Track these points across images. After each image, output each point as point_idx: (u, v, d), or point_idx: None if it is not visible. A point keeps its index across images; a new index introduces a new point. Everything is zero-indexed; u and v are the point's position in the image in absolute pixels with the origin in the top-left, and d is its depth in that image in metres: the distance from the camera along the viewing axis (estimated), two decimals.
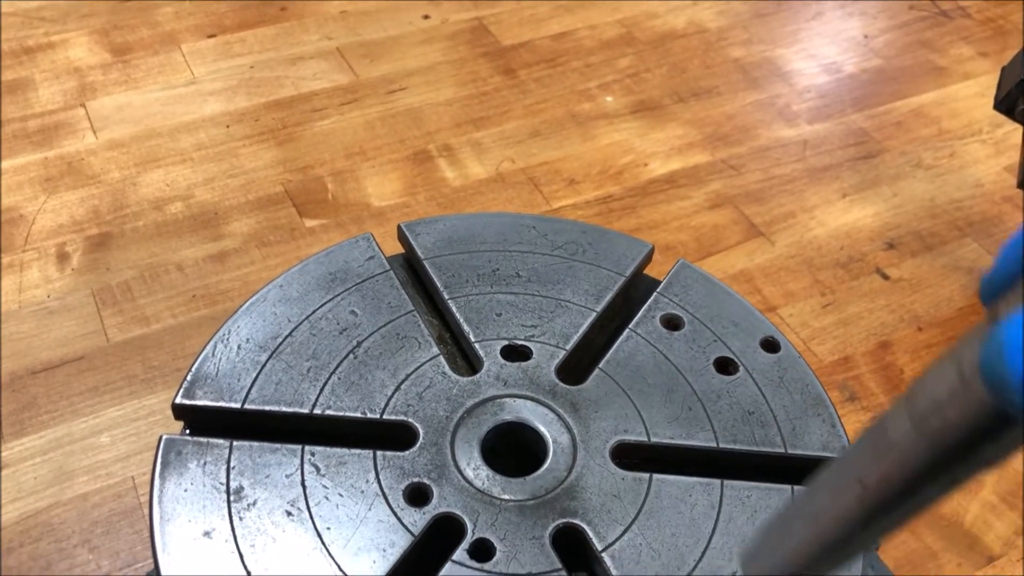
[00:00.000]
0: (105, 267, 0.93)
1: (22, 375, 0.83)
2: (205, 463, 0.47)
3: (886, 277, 0.95)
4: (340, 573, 0.44)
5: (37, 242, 0.95)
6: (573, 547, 0.48)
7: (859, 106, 1.20)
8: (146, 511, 0.73)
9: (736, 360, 0.55)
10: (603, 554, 0.46)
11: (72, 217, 0.98)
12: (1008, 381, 0.23)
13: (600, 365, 0.54)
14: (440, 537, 0.47)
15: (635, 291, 0.60)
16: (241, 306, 0.54)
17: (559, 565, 0.45)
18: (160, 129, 1.08)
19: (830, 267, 0.97)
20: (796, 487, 0.49)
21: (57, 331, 0.87)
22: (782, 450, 0.51)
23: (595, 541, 0.46)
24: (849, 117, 1.18)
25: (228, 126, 1.09)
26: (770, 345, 0.56)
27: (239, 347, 0.52)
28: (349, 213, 0.99)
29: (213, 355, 0.51)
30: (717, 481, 0.49)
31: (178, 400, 0.49)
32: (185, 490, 0.46)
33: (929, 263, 0.97)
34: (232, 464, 0.47)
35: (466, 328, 0.55)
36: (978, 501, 0.75)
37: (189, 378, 0.50)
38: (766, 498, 0.49)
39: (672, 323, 0.57)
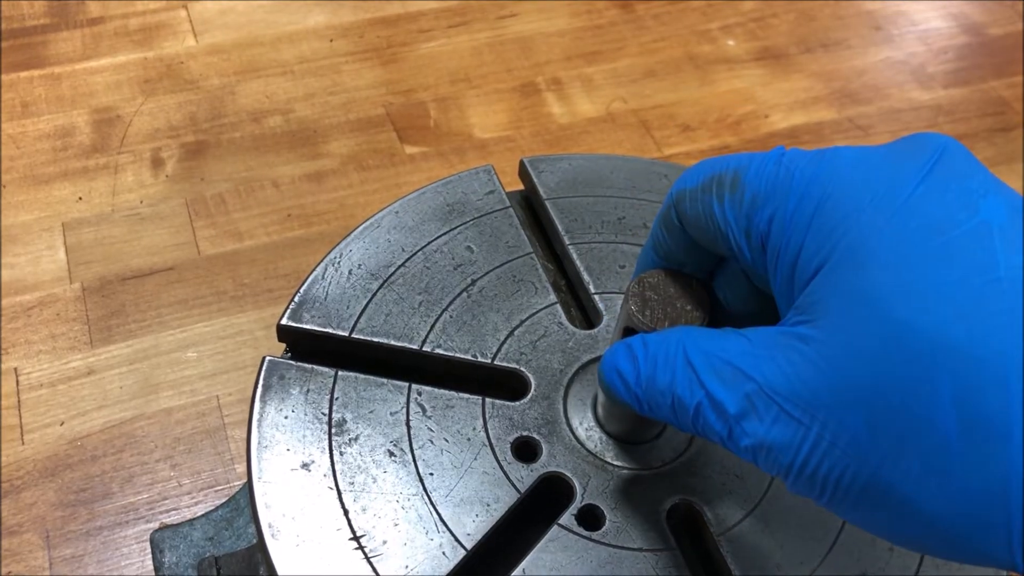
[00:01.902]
0: (200, 176, 0.91)
1: (112, 280, 0.82)
2: (308, 391, 0.45)
3: None
4: (441, 523, 0.41)
5: (133, 145, 0.94)
6: (685, 523, 0.44)
7: (1001, 73, 1.10)
8: (230, 432, 0.71)
9: None
10: (720, 538, 0.42)
11: (169, 122, 0.96)
12: (603, 387, 0.37)
13: None
14: (544, 497, 0.44)
15: None
16: (354, 230, 0.51)
17: (674, 544, 0.42)
18: (262, 37, 1.05)
19: None
20: None
21: (148, 239, 0.85)
22: None
23: (712, 523, 0.43)
24: (989, 84, 1.09)
25: (331, 40, 1.05)
26: None
27: (350, 272, 0.49)
28: (451, 143, 0.95)
29: (323, 278, 0.49)
30: None
31: (284, 321, 0.47)
32: (286, 417, 0.44)
33: None
34: (336, 395, 0.45)
35: (586, 277, 0.52)
36: None
37: (297, 299, 0.48)
38: None
39: None
